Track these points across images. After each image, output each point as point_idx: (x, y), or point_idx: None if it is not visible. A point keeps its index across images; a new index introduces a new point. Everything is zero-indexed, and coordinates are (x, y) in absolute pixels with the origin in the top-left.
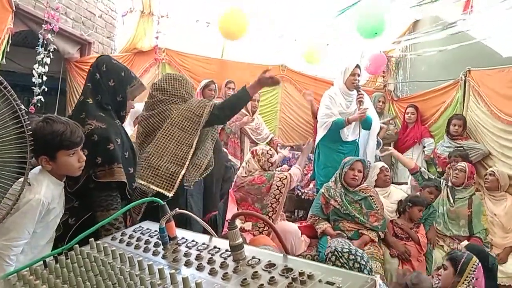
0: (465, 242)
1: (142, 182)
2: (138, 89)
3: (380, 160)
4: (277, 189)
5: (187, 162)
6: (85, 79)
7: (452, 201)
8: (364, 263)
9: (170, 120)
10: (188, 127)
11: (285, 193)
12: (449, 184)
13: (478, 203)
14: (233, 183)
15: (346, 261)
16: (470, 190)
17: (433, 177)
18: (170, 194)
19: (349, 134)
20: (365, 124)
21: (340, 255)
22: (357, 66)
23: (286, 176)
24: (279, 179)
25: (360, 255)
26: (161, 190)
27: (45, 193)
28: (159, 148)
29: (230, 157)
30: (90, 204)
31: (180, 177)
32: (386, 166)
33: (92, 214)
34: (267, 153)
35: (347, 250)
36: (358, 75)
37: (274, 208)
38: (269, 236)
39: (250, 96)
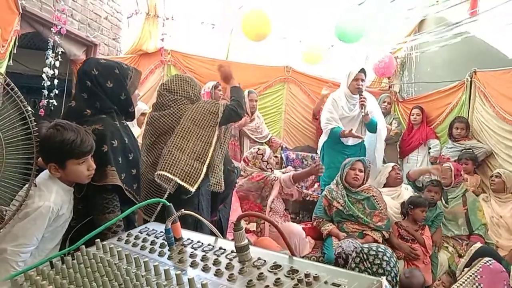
0: (478, 244)
1: (167, 174)
2: (137, 77)
3: (386, 162)
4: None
5: (208, 160)
6: (76, 90)
7: (445, 202)
8: (389, 268)
9: (186, 117)
10: (204, 125)
11: (272, 193)
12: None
13: (473, 199)
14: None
15: (370, 266)
16: (461, 188)
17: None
18: (193, 189)
19: (349, 139)
20: (371, 127)
21: (366, 257)
22: (362, 70)
23: (277, 178)
24: (273, 180)
25: (387, 259)
26: (185, 184)
27: (54, 199)
28: (180, 142)
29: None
30: (89, 208)
31: (203, 174)
32: (398, 165)
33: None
34: (257, 154)
35: (374, 253)
36: (362, 80)
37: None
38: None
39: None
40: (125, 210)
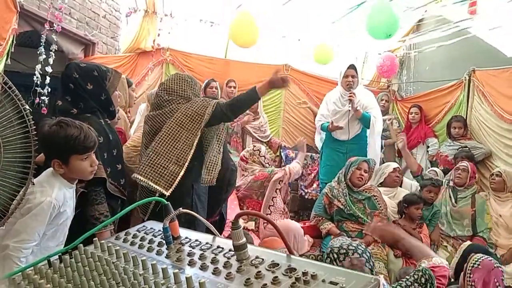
0: (468, 242)
1: (141, 178)
2: (116, 78)
3: (384, 162)
4: (278, 181)
5: (187, 163)
6: (60, 92)
7: (454, 201)
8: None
9: (173, 119)
10: (190, 127)
11: (284, 185)
12: (451, 184)
13: (482, 202)
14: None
15: (342, 265)
16: (472, 189)
17: (434, 177)
18: (167, 193)
19: (337, 132)
20: (363, 122)
21: (336, 257)
22: (351, 67)
23: (284, 170)
24: (276, 172)
25: (357, 257)
26: (159, 188)
27: (56, 195)
28: (160, 146)
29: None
30: (78, 200)
31: (179, 177)
32: (400, 167)
33: (80, 211)
34: (254, 151)
35: (344, 251)
36: (353, 76)
37: (273, 201)
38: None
39: (259, 96)
40: (111, 202)
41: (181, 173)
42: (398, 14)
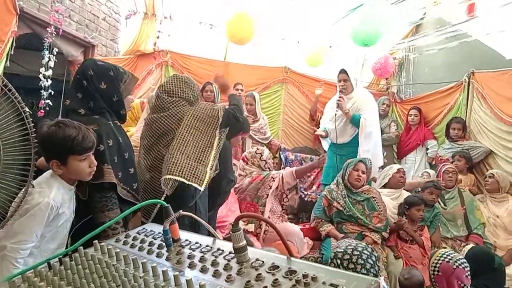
0: (471, 245)
1: (172, 177)
2: (131, 82)
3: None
4: (269, 187)
5: (210, 162)
6: (71, 90)
7: (443, 203)
8: (365, 271)
9: (187, 121)
10: (205, 129)
11: (273, 191)
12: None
13: (470, 199)
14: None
15: (345, 270)
16: (455, 187)
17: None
18: (202, 188)
19: (334, 136)
20: (355, 124)
21: (340, 262)
22: (341, 71)
23: (277, 176)
24: (271, 178)
25: (362, 262)
26: (193, 184)
27: (54, 196)
28: (182, 147)
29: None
30: (89, 205)
31: (207, 176)
32: (403, 169)
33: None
34: (256, 153)
35: (348, 257)
36: (344, 81)
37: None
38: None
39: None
40: (124, 208)
41: (208, 172)
42: (398, 16)
